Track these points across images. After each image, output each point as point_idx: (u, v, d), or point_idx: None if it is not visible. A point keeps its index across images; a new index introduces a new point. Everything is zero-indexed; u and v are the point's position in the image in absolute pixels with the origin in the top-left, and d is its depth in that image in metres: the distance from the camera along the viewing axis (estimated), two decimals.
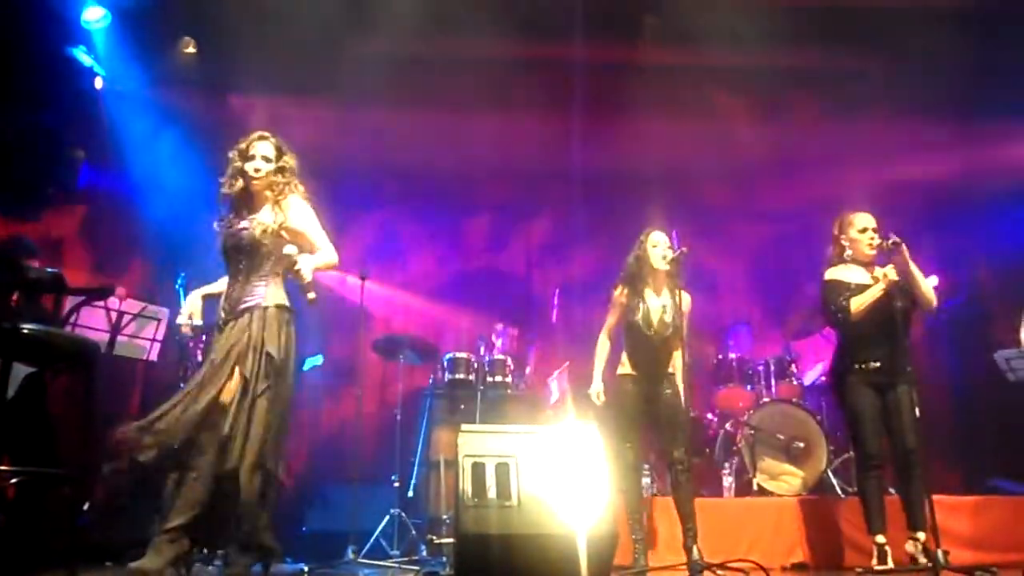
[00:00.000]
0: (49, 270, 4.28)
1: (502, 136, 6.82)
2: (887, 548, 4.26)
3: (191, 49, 5.97)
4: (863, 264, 4.53)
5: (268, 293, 3.63)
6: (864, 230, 4.51)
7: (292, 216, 3.71)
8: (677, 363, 4.62)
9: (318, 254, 3.68)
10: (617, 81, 6.44)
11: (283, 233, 3.68)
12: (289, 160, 3.82)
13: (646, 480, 5.43)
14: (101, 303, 4.71)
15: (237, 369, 3.48)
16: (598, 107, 6.63)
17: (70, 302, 4.27)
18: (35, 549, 4.09)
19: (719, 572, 3.93)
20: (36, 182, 5.63)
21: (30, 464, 4.07)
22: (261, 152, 3.75)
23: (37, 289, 4.20)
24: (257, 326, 3.55)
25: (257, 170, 3.71)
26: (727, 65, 6.34)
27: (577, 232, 7.69)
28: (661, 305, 4.58)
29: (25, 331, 3.67)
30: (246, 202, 3.75)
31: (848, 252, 4.56)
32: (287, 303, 3.68)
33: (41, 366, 4.18)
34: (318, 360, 6.81)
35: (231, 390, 3.45)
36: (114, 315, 4.90)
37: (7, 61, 5.39)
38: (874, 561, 4.27)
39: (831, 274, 4.57)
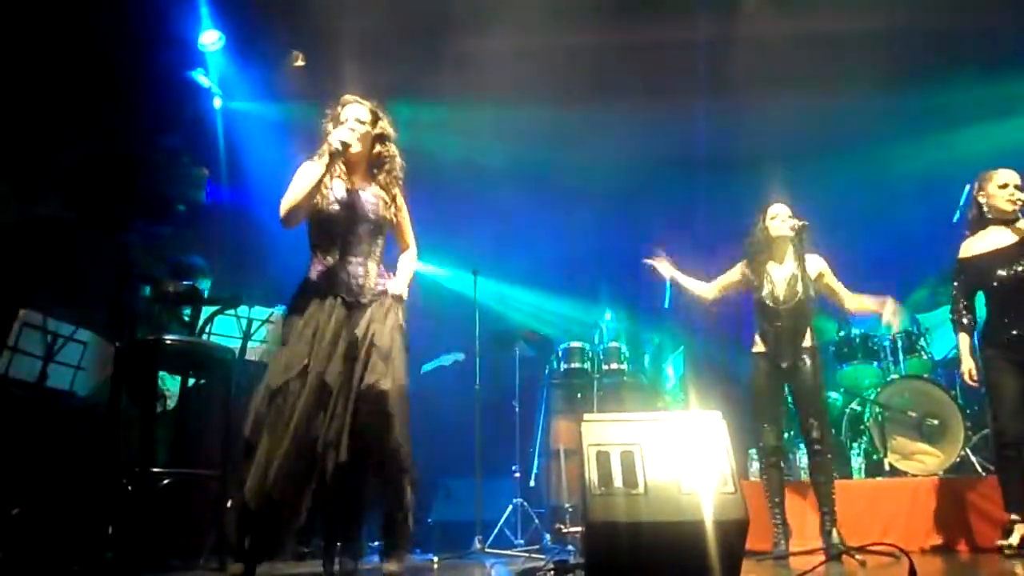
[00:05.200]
0: (184, 283, 4.57)
1: (606, 124, 6.80)
2: (1015, 527, 4.09)
3: (300, 63, 6.21)
4: (1005, 223, 4.30)
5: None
6: (1005, 186, 4.27)
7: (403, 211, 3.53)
8: (812, 334, 4.46)
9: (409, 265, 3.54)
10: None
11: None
12: (387, 126, 3.52)
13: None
14: (232, 312, 4.95)
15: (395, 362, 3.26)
16: (699, 91, 6.52)
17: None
18: (186, 544, 4.36)
19: (858, 556, 3.81)
20: (167, 201, 5.97)
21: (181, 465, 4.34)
22: (355, 115, 3.43)
23: (175, 302, 4.47)
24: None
25: (352, 130, 3.37)
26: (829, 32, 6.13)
27: (688, 216, 7.58)
28: (787, 275, 4.44)
29: (168, 341, 3.95)
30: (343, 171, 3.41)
31: (987, 211, 4.34)
32: None
33: (185, 373, 4.45)
34: (459, 356, 6.94)
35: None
36: (244, 322, 5.15)
37: (134, 88, 5.75)
38: (1013, 540, 4.09)
39: (964, 249, 4.39)
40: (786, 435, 5.43)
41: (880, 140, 6.93)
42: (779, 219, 4.49)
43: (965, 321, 4.44)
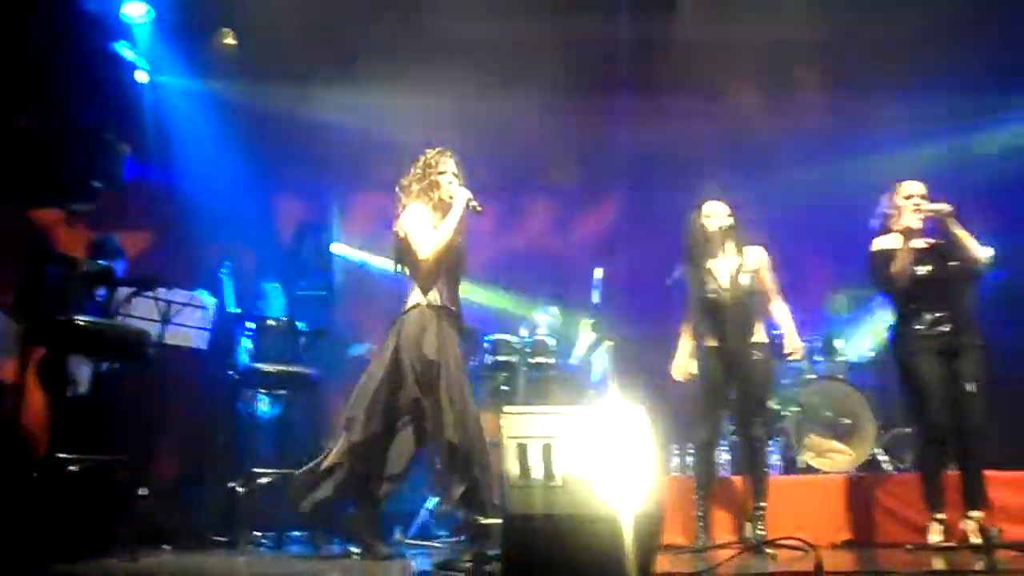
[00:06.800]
0: (100, 263, 4.41)
1: (539, 121, 6.80)
2: (947, 525, 4.21)
3: (231, 40, 6.02)
4: (911, 232, 4.41)
5: None
6: (909, 196, 4.41)
7: None
8: (762, 328, 4.54)
9: None
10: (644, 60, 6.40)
11: None
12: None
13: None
14: (150, 294, 4.79)
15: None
16: (629, 89, 6.58)
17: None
18: (98, 534, 4.21)
19: (769, 550, 3.91)
20: (83, 177, 5.73)
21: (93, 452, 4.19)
22: (454, 170, 4.15)
23: (89, 282, 4.30)
24: None
25: (471, 199, 4.03)
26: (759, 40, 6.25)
27: (618, 213, 7.64)
28: (728, 269, 4.46)
29: (80, 323, 3.80)
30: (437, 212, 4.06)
31: (894, 221, 4.46)
32: None
33: (97, 356, 4.29)
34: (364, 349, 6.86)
35: None
36: (163, 305, 4.98)
37: (49, 59, 5.50)
38: (935, 537, 4.20)
39: (876, 244, 4.48)
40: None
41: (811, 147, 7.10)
42: (713, 217, 4.55)
43: None
